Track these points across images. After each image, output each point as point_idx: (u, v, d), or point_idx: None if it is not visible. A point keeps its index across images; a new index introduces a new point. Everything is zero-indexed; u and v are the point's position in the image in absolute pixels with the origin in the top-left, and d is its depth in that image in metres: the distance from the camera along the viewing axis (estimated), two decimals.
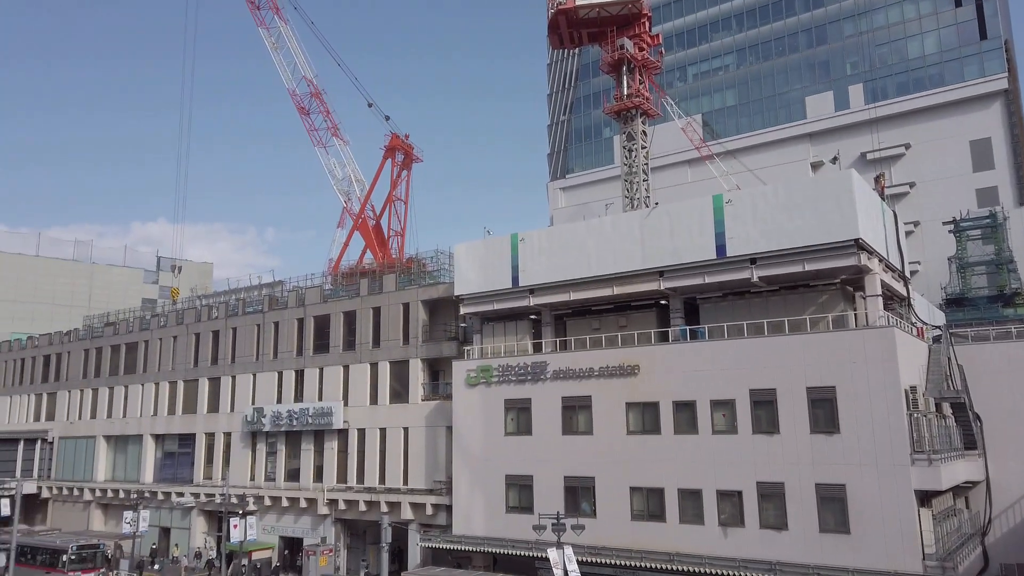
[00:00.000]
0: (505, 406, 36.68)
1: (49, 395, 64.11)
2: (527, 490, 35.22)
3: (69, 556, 43.89)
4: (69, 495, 59.63)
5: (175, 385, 54.90)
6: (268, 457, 48.48)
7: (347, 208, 63.08)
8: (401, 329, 43.53)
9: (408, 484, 41.32)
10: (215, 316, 53.60)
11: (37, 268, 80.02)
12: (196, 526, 50.95)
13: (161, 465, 55.18)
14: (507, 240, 38.23)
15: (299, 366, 47.87)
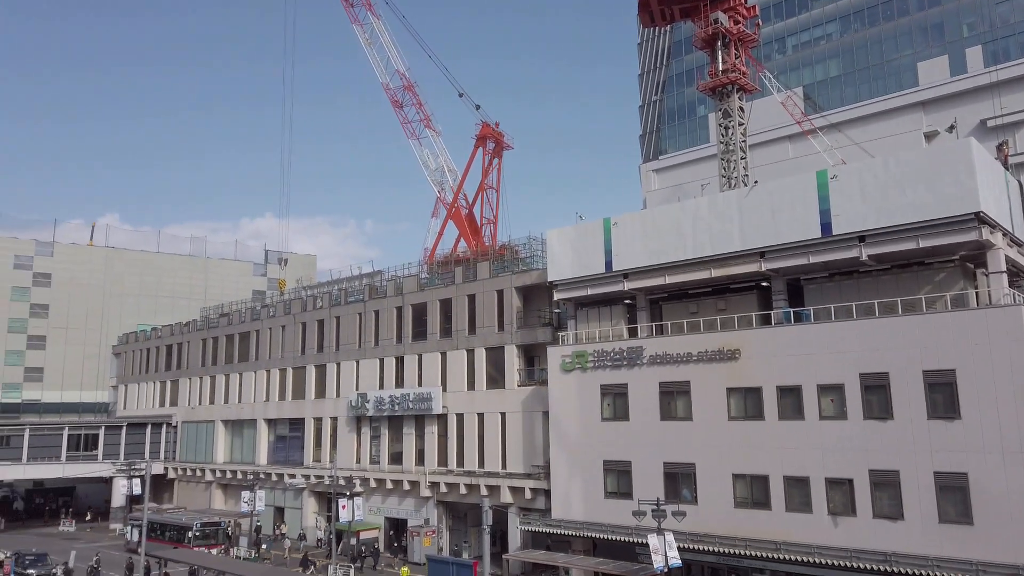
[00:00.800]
0: (601, 391, 36.49)
1: (172, 382, 68.66)
2: (625, 476, 34.98)
3: (194, 532, 47.07)
4: (192, 475, 63.81)
5: (284, 372, 57.63)
6: (372, 441, 50.22)
7: (440, 198, 64.17)
8: (496, 316, 44.00)
9: (507, 468, 41.86)
10: (319, 306, 55.82)
11: (158, 264, 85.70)
12: (307, 506, 53.47)
13: (274, 448, 58.16)
14: (599, 225, 37.88)
15: (399, 353, 49.25)
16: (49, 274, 78.99)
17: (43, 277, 78.70)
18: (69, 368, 78.25)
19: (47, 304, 78.43)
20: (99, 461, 61.93)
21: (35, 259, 78.59)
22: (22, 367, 76.68)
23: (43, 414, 73.23)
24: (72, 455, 61.58)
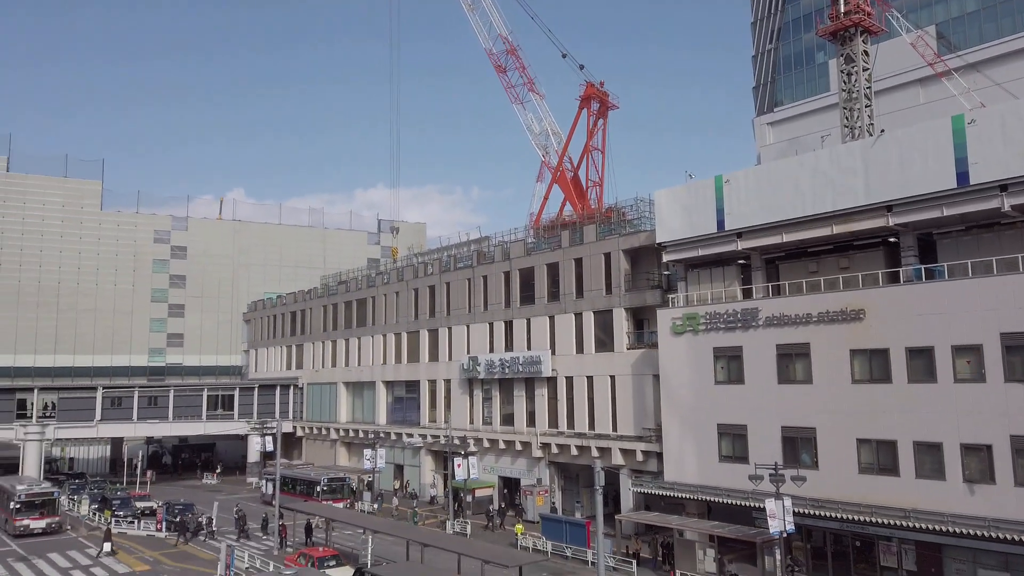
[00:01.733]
0: (714, 354, 35.68)
1: (297, 347, 72.76)
2: (741, 439, 34.24)
3: (322, 487, 50.07)
4: (318, 434, 67.73)
5: (399, 336, 59.80)
6: (484, 402, 51.48)
7: (545, 162, 63.92)
8: (603, 279, 43.72)
9: (617, 431, 41.90)
10: (430, 272, 57.34)
11: (280, 235, 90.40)
12: (425, 464, 55.69)
13: (392, 408, 60.74)
14: (710, 183, 36.67)
15: (507, 317, 49.95)
16: (185, 247, 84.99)
17: (179, 250, 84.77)
18: (205, 334, 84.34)
19: (184, 275, 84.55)
20: (235, 420, 66.79)
21: (172, 233, 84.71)
22: (165, 333, 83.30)
23: (185, 376, 79.52)
24: (211, 414, 66.71)
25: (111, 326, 79.70)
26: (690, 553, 30.77)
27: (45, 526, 42.56)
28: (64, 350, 77.29)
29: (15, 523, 42.09)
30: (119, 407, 63.54)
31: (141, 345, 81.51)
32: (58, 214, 78.57)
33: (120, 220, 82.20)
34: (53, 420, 60.68)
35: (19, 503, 42.57)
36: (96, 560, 36.67)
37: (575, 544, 35.77)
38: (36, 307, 76.41)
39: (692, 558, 30.56)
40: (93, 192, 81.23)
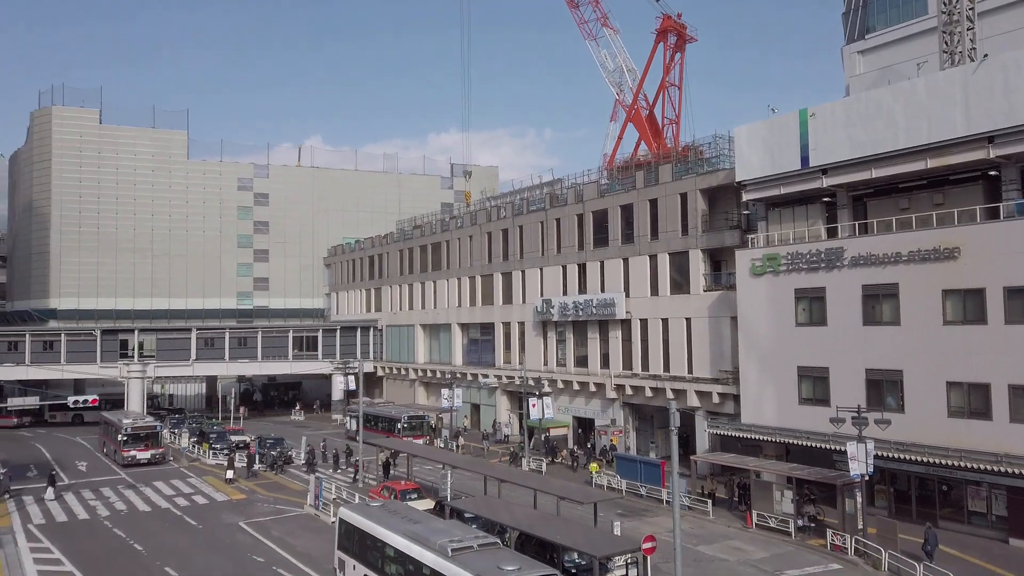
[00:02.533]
0: (795, 296, 34.72)
1: (376, 290, 74.72)
2: (822, 382, 33.48)
3: (402, 424, 51.91)
4: (397, 374, 69.92)
5: (474, 280, 60.53)
6: (558, 344, 51.86)
7: (619, 100, 62.38)
8: (679, 220, 42.81)
9: (693, 373, 41.60)
10: (503, 216, 57.41)
11: (357, 181, 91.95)
12: (500, 404, 56.89)
13: (467, 350, 61.97)
14: (794, 117, 35.07)
15: (581, 260, 49.74)
16: (267, 194, 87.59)
17: (262, 197, 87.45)
18: (289, 278, 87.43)
19: (267, 221, 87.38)
20: (319, 360, 69.61)
21: (254, 181, 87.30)
22: (251, 277, 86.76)
23: (271, 319, 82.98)
24: (297, 354, 69.70)
25: (201, 271, 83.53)
26: (767, 494, 30.62)
27: (150, 457, 45.78)
28: (160, 294, 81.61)
29: (123, 454, 45.45)
30: (212, 347, 67.10)
31: (230, 289, 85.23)
32: (148, 164, 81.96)
33: (205, 169, 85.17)
34: (153, 359, 64.73)
35: (126, 435, 45.86)
36: (197, 488, 39.36)
37: (649, 483, 36.11)
38: (133, 253, 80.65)
39: (769, 499, 30.41)
40: (180, 142, 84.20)
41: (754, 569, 25.64)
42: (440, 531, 20.96)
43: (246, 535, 30.38)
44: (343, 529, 24.03)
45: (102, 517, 33.57)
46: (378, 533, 21.98)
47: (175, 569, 25.92)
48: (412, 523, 22.14)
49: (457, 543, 19.49)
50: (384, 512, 23.82)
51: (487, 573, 17.72)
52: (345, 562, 23.62)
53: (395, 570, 20.98)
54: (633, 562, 19.65)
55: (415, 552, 20.07)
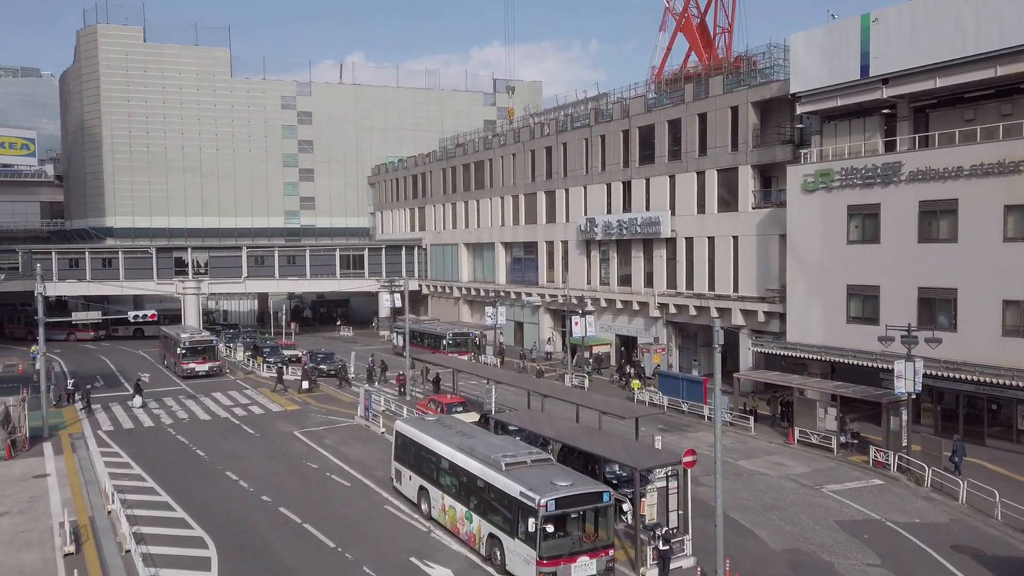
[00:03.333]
0: (848, 212, 33.73)
1: (419, 209, 74.93)
2: (872, 300, 32.87)
3: (447, 341, 52.93)
4: (442, 292, 70.85)
5: (517, 198, 60.14)
6: (602, 263, 51.68)
7: (669, 8, 59.65)
8: (729, 135, 41.49)
9: (738, 292, 41.19)
10: (547, 133, 56.38)
11: (399, 98, 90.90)
12: (543, 322, 57.43)
13: (511, 269, 62.25)
14: (855, 23, 33.17)
15: (626, 177, 48.86)
16: (310, 112, 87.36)
17: (305, 115, 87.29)
18: (334, 197, 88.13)
19: (311, 140, 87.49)
20: (365, 278, 70.79)
21: (297, 99, 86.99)
22: (297, 196, 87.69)
23: (318, 237, 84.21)
24: (344, 272, 70.93)
25: (249, 190, 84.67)
26: (810, 412, 30.66)
27: (208, 369, 47.78)
28: (210, 213, 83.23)
29: (183, 366, 47.51)
30: (262, 265, 68.69)
31: (277, 208, 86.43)
32: (193, 82, 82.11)
33: (249, 87, 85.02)
34: (206, 277, 66.65)
35: (185, 349, 47.83)
36: (253, 399, 41.13)
37: (691, 400, 36.44)
38: (182, 173, 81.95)
39: (812, 416, 30.47)
40: (222, 60, 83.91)
41: (794, 483, 25.97)
42: (494, 446, 21.10)
43: (300, 443, 31.82)
44: (399, 442, 24.56)
45: (166, 425, 35.46)
46: (433, 446, 22.31)
47: (235, 474, 27.39)
48: (466, 437, 22.33)
49: (511, 458, 19.64)
50: (439, 426, 24.17)
51: (540, 488, 17.78)
52: (401, 472, 24.30)
53: (449, 482, 21.31)
54: (673, 475, 19.98)
55: (469, 466, 20.30)
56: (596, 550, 17.86)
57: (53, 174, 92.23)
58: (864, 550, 20.32)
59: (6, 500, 24.55)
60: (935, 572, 19.01)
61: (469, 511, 20.15)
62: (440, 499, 21.72)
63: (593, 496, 18.07)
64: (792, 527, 21.99)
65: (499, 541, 18.68)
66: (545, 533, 17.12)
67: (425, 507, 22.61)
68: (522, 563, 17.76)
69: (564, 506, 17.51)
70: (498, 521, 18.82)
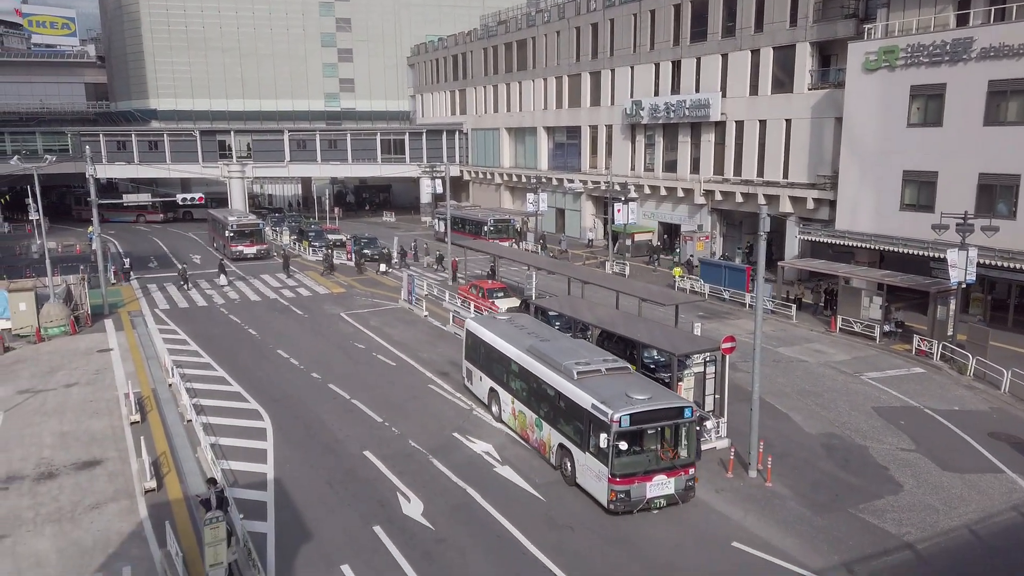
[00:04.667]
0: (910, 93, 31.90)
1: (460, 91, 73.20)
2: (928, 187, 31.62)
3: (488, 227, 52.97)
4: (483, 178, 70.30)
5: (560, 80, 58.20)
6: (647, 148, 50.36)
7: None
8: (788, 9, 38.98)
9: (788, 178, 39.97)
10: (593, 8, 53.68)
11: None
12: (585, 209, 56.89)
13: (553, 154, 61.16)
14: None
15: (675, 57, 46.68)
16: None
17: None
18: (374, 79, 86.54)
19: (348, 18, 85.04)
20: (406, 163, 70.43)
21: None
22: (337, 78, 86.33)
23: (359, 121, 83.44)
24: (385, 157, 70.61)
25: (289, 71, 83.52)
26: (855, 300, 30.29)
27: (255, 252, 48.94)
28: (251, 95, 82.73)
29: (231, 248, 48.71)
30: (304, 149, 68.70)
31: (317, 90, 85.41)
32: None
33: None
34: (250, 160, 67.08)
35: (233, 232, 48.87)
36: (300, 282, 42.25)
37: (734, 288, 36.25)
38: (221, 53, 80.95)
39: (856, 305, 30.12)
40: None
41: (833, 370, 26.06)
42: (567, 351, 19.58)
43: (347, 324, 32.83)
44: (469, 341, 23.42)
45: (218, 305, 36.81)
46: (502, 348, 21.15)
47: (286, 352, 28.55)
48: (538, 339, 21.02)
49: (584, 366, 18.23)
50: (510, 326, 22.83)
51: (613, 400, 16.31)
52: (472, 372, 23.37)
53: (519, 386, 20.25)
54: (711, 360, 20.14)
55: (540, 372, 19.05)
56: (674, 468, 16.37)
57: (95, 55, 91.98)
58: (899, 435, 20.55)
59: (75, 372, 26.13)
60: (970, 457, 19.20)
61: (539, 418, 19.05)
62: (510, 403, 20.72)
63: (673, 412, 16.43)
64: (828, 412, 22.25)
65: (569, 453, 17.53)
66: (618, 450, 15.70)
67: (495, 409, 21.64)
68: (593, 479, 16.52)
69: (639, 422, 15.98)
70: (569, 432, 17.60)
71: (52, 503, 16.86)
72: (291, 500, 16.99)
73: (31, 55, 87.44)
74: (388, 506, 16.69)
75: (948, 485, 17.67)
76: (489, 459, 19.08)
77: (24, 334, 30.27)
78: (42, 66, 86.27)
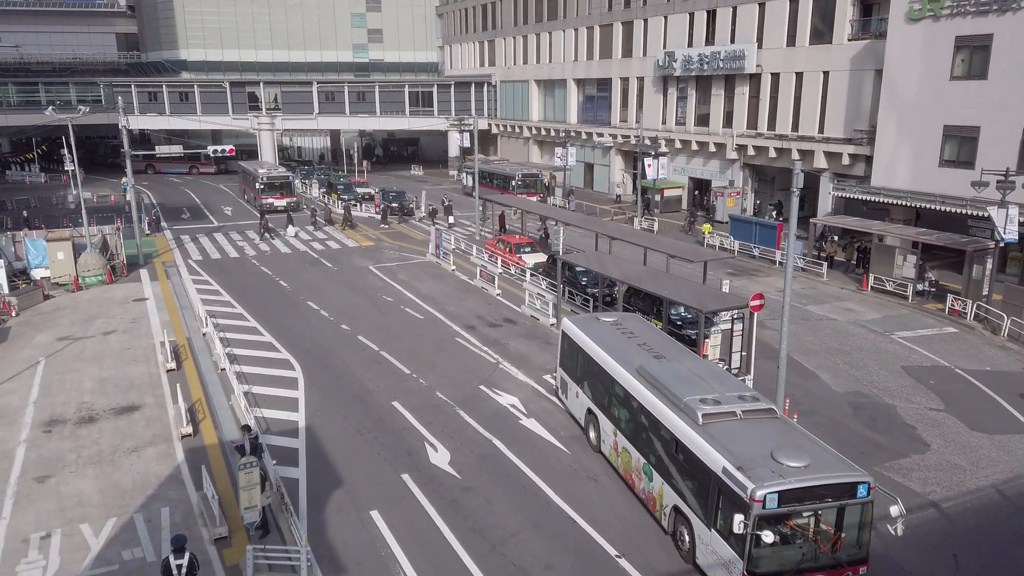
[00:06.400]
0: (955, 44, 30.74)
1: (489, 42, 72.07)
2: (969, 142, 30.68)
3: (516, 182, 52.65)
4: (511, 132, 69.61)
5: (591, 31, 56.97)
6: (679, 102, 49.36)
7: None
8: None
9: (824, 132, 39.02)
10: None
11: None
12: (615, 164, 56.20)
13: (583, 107, 60.25)
14: None
15: (710, 5, 45.35)
16: None
17: None
18: (402, 29, 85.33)
19: None
20: (435, 116, 69.91)
21: None
22: (365, 29, 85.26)
23: (387, 73, 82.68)
24: (413, 110, 70.16)
25: (317, 20, 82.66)
26: (888, 259, 29.77)
27: (285, 204, 49.28)
28: (280, 46, 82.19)
29: (261, 200, 49.10)
30: (333, 102, 68.48)
31: (345, 41, 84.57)
32: None
33: None
34: (280, 112, 67.10)
35: (263, 184, 49.19)
36: (329, 235, 42.57)
37: (764, 245, 35.80)
38: (250, 2, 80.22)
39: (889, 264, 29.62)
40: None
41: (863, 329, 25.80)
42: (688, 378, 14.80)
43: (375, 277, 33.14)
44: (565, 345, 19.13)
45: (249, 256, 37.32)
46: (605, 363, 16.67)
47: (316, 303, 28.97)
48: (651, 355, 16.42)
49: (712, 405, 13.48)
50: (616, 332, 18.08)
51: (755, 466, 11.78)
52: (567, 384, 19.01)
53: (624, 416, 15.67)
54: (739, 318, 20.03)
55: (652, 404, 14.45)
56: (838, 567, 11.91)
57: (125, 4, 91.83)
58: (929, 395, 20.40)
59: (112, 320, 26.83)
60: (1000, 418, 19.03)
61: (648, 464, 14.60)
62: (612, 434, 16.29)
63: (841, 488, 11.71)
64: (856, 371, 22.11)
65: (687, 522, 13.16)
66: (759, 540, 11.22)
67: (593, 436, 17.36)
68: (720, 568, 12.21)
69: (793, 501, 11.51)
70: (688, 494, 13.16)
71: (93, 446, 17.51)
72: (322, 447, 17.45)
73: (63, 4, 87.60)
74: (416, 455, 17.07)
75: (976, 445, 17.57)
76: (515, 412, 19.34)
77: (63, 283, 31.05)
78: (74, 15, 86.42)
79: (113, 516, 14.64)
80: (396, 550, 13.67)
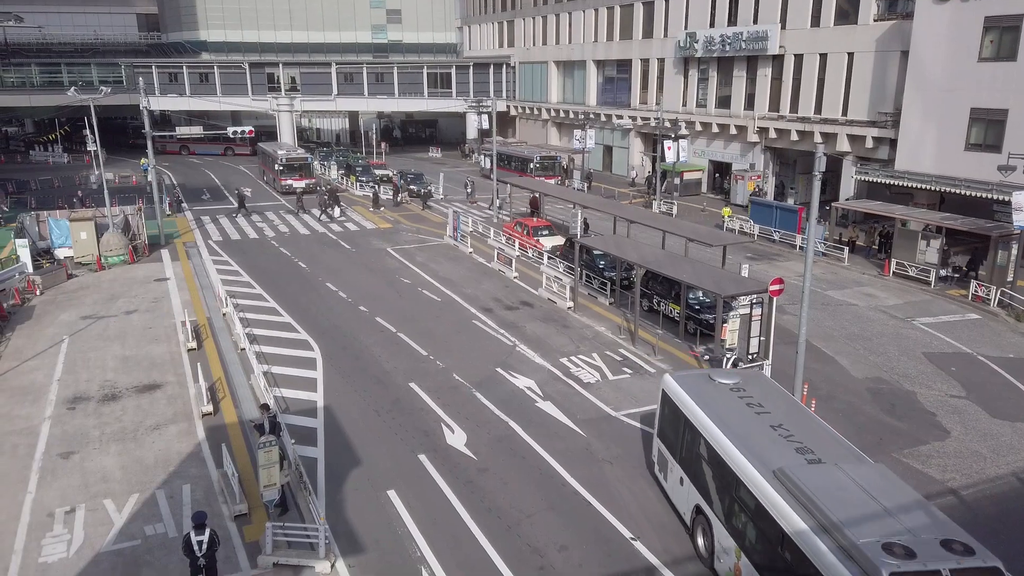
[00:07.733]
0: (984, 25, 30.07)
1: (508, 23, 71.53)
2: (996, 126, 30.09)
3: (534, 164, 52.43)
4: (530, 114, 69.22)
5: (612, 11, 56.35)
6: (699, 84, 48.80)
7: None
8: None
9: (847, 115, 38.43)
10: None
11: None
12: (634, 146, 55.78)
13: (602, 89, 59.73)
14: None
15: None
16: None
17: None
18: (420, 10, 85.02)
19: None
20: (453, 98, 69.63)
21: None
22: (384, 9, 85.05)
23: (405, 54, 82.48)
24: (431, 92, 69.90)
25: (336, 1, 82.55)
26: (911, 244, 29.37)
27: (304, 186, 49.46)
28: (298, 27, 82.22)
29: (280, 182, 49.31)
30: (351, 83, 68.37)
31: (364, 22, 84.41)
32: None
33: None
34: (299, 94, 67.13)
35: (282, 165, 49.38)
36: (348, 216, 42.71)
37: (784, 229, 35.44)
38: None
39: (912, 248, 29.22)
40: None
41: (884, 315, 25.53)
42: (859, 501, 10.04)
43: (393, 259, 33.23)
44: (667, 410, 14.59)
45: (269, 237, 37.55)
46: (727, 451, 12.04)
47: (334, 285, 29.12)
48: (795, 448, 11.74)
49: (902, 561, 8.80)
50: (740, 405, 13.33)
51: None
52: (668, 464, 14.44)
53: (753, 537, 11.21)
54: (758, 302, 19.90)
55: (804, 539, 9.81)
56: None
57: None
58: (949, 382, 20.19)
59: (134, 299, 27.16)
60: (1022, 405, 18.80)
61: None
62: (734, 554, 11.70)
63: None
64: (876, 357, 21.91)
65: None
66: None
67: (703, 543, 12.86)
68: None
69: None
70: None
71: (116, 423, 17.80)
72: (340, 427, 17.62)
73: None
74: (433, 436, 17.19)
75: (997, 433, 17.39)
76: (531, 394, 19.39)
77: (86, 262, 31.45)
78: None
79: (136, 492, 14.91)
80: (413, 529, 13.81)
